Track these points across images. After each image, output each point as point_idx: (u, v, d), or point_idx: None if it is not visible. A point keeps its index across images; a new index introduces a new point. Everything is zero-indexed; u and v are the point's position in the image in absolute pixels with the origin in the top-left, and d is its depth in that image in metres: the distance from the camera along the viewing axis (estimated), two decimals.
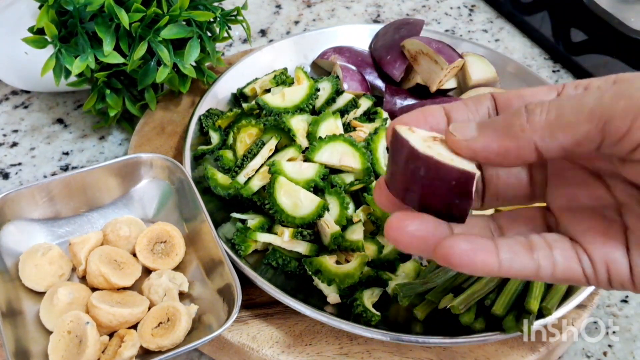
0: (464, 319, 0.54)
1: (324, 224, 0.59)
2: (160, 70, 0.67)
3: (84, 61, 0.64)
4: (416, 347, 0.56)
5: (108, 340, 0.53)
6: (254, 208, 0.63)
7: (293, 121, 0.65)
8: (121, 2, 0.64)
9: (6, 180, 0.74)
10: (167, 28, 0.65)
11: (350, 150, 0.63)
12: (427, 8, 1.03)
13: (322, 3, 1.02)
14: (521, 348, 0.56)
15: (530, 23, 0.98)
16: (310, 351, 0.56)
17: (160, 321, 0.54)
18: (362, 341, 0.56)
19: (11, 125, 0.80)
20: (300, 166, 0.62)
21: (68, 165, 0.76)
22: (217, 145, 0.69)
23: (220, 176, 0.64)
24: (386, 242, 0.61)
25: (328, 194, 0.61)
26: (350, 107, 0.71)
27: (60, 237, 0.61)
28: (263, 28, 0.97)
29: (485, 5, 1.04)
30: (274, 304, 0.58)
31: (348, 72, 0.75)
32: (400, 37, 0.78)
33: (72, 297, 0.54)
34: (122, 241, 0.59)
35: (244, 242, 0.59)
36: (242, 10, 0.74)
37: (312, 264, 0.57)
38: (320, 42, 0.81)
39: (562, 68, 0.93)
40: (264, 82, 0.74)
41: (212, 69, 0.78)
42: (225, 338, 0.56)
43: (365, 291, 0.57)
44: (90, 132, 0.79)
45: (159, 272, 0.58)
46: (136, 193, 0.64)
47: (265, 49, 0.79)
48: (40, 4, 0.64)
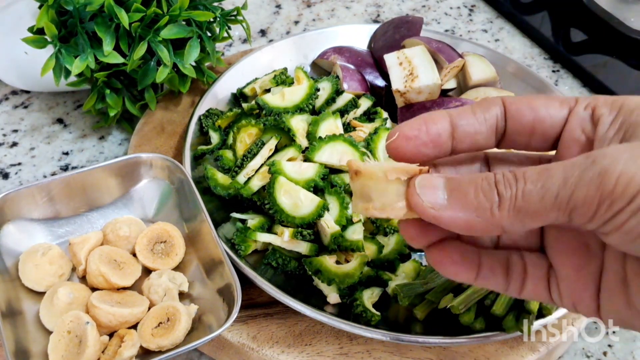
0: (464, 319, 0.54)
1: (324, 224, 0.59)
2: (160, 70, 0.67)
3: (84, 61, 0.64)
4: (416, 347, 0.56)
5: (108, 340, 0.53)
6: (254, 208, 0.63)
7: (293, 121, 0.65)
8: (121, 2, 0.64)
9: (6, 180, 0.74)
10: (167, 28, 0.65)
11: (350, 150, 0.63)
12: (427, 8, 1.03)
13: (322, 3, 1.02)
14: (521, 348, 0.56)
15: (530, 23, 0.98)
16: (310, 351, 0.56)
17: (160, 321, 0.54)
18: (362, 341, 0.56)
19: (11, 125, 0.80)
20: (300, 166, 0.62)
21: (68, 165, 0.76)
22: (217, 145, 0.69)
23: (220, 176, 0.64)
24: (386, 242, 0.61)
25: (328, 194, 0.61)
26: (350, 107, 0.71)
27: (60, 237, 0.61)
28: (263, 28, 0.97)
29: (485, 5, 1.04)
30: (274, 304, 0.58)
31: (348, 72, 0.75)
32: (401, 36, 0.78)
33: (72, 297, 0.54)
34: (122, 241, 0.59)
35: (244, 242, 0.59)
36: (242, 10, 0.74)
37: (312, 264, 0.57)
38: (320, 42, 0.81)
39: (561, 68, 0.93)
40: (264, 82, 0.74)
41: (212, 69, 0.78)
42: (225, 338, 0.56)
43: (365, 291, 0.57)
44: (90, 132, 0.79)
45: (159, 272, 0.58)
46: (136, 193, 0.64)
47: (265, 49, 0.79)
48: (40, 4, 0.64)
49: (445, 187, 0.32)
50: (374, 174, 0.32)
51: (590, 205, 0.28)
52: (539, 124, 0.34)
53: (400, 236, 0.61)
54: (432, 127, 0.34)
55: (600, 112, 0.33)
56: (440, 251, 0.35)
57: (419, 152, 0.34)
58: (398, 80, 0.72)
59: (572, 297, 0.34)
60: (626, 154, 0.28)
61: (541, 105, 0.35)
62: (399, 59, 0.73)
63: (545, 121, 0.34)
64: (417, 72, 0.71)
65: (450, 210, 0.31)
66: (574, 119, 0.34)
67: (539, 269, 0.36)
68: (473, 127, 0.35)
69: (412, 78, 0.71)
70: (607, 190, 0.28)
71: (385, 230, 0.61)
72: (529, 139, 0.35)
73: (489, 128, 0.35)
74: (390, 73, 0.73)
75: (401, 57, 0.73)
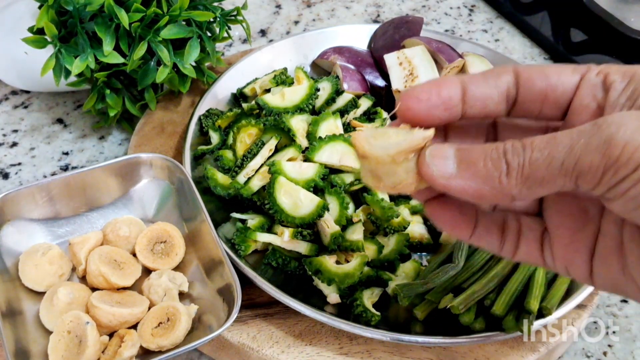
0: (464, 319, 0.54)
1: (324, 224, 0.59)
2: (160, 70, 0.67)
3: (84, 61, 0.64)
4: (416, 347, 0.56)
5: (108, 340, 0.53)
6: (254, 208, 0.63)
7: (293, 121, 0.65)
8: (121, 2, 0.64)
9: (6, 180, 0.74)
10: (167, 28, 0.65)
11: (350, 150, 0.63)
12: (427, 8, 1.03)
13: (322, 3, 1.02)
14: (521, 348, 0.56)
15: (530, 23, 0.98)
16: (310, 351, 0.56)
17: (160, 321, 0.54)
18: (362, 341, 0.56)
19: (11, 125, 0.80)
20: (300, 166, 0.62)
21: (68, 165, 0.76)
22: (217, 145, 0.69)
23: (220, 176, 0.64)
24: (386, 242, 0.61)
25: (328, 194, 0.61)
26: (350, 107, 0.71)
27: (60, 237, 0.61)
28: (263, 28, 0.97)
29: (485, 5, 1.04)
30: (274, 304, 0.58)
31: (348, 72, 0.75)
32: (401, 36, 0.78)
33: (72, 297, 0.54)
34: (122, 241, 0.59)
35: (244, 242, 0.59)
36: (242, 10, 0.74)
37: (312, 264, 0.57)
38: (320, 42, 0.81)
39: None
40: (264, 82, 0.74)
41: (212, 69, 0.78)
42: (225, 338, 0.56)
43: (365, 291, 0.57)
44: (90, 132, 0.79)
45: (159, 272, 0.58)
46: (136, 193, 0.64)
47: (265, 49, 0.79)
48: (40, 4, 0.64)
49: (455, 157, 0.32)
50: (380, 159, 0.33)
51: (596, 172, 0.29)
52: (551, 91, 0.35)
53: (400, 236, 0.61)
54: (443, 90, 0.34)
55: (612, 79, 0.33)
56: (440, 204, 0.36)
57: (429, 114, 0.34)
58: (398, 80, 0.72)
59: (565, 260, 0.35)
60: (633, 122, 0.29)
61: (553, 72, 0.35)
62: (399, 59, 0.73)
63: (557, 88, 0.34)
64: (417, 72, 0.71)
65: (459, 179, 0.32)
66: (585, 86, 0.34)
67: (534, 232, 0.36)
68: (484, 92, 0.35)
69: (412, 78, 0.71)
70: (612, 157, 0.28)
71: (385, 230, 0.61)
72: (540, 106, 0.35)
73: (500, 94, 0.35)
74: (390, 73, 0.73)
75: (401, 57, 0.73)
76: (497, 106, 0.35)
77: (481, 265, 0.57)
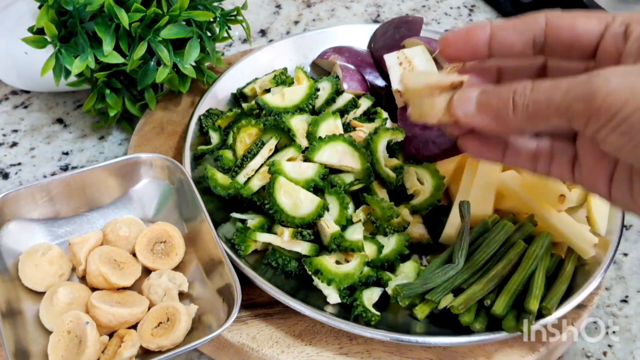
0: (464, 319, 0.54)
1: (324, 224, 0.59)
2: (160, 70, 0.67)
3: (84, 61, 0.64)
4: (416, 347, 0.56)
5: (108, 340, 0.53)
6: (253, 208, 0.63)
7: (293, 121, 0.65)
8: (121, 2, 0.64)
9: (6, 180, 0.74)
10: (166, 28, 0.65)
11: (350, 150, 0.63)
12: (427, 8, 1.03)
13: (322, 3, 1.02)
14: (521, 348, 0.56)
15: None
16: (310, 351, 0.56)
17: (160, 321, 0.54)
18: (362, 341, 0.56)
19: (11, 125, 0.80)
20: (300, 166, 0.62)
21: (68, 165, 0.76)
22: (217, 145, 0.69)
23: (220, 176, 0.64)
24: (386, 242, 0.61)
25: (328, 194, 0.61)
26: (350, 107, 0.71)
27: (60, 237, 0.61)
28: (263, 28, 0.97)
29: (485, 5, 1.04)
30: (274, 304, 0.58)
31: (348, 72, 0.75)
32: (401, 36, 0.78)
33: (72, 297, 0.54)
34: (122, 241, 0.59)
35: (244, 242, 0.59)
36: (242, 10, 0.74)
37: (312, 264, 0.57)
38: (320, 42, 0.81)
39: None
40: (264, 82, 0.74)
41: (212, 69, 0.78)
42: (225, 338, 0.56)
43: (365, 291, 0.57)
44: (90, 132, 0.79)
45: (158, 272, 0.58)
46: (136, 193, 0.64)
47: (265, 49, 0.79)
48: (40, 4, 0.64)
49: (476, 99, 0.41)
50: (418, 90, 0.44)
51: (582, 117, 0.35)
52: (577, 40, 0.40)
53: (400, 236, 0.61)
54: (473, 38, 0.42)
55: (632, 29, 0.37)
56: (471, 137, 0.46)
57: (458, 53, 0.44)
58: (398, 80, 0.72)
59: (590, 180, 0.42)
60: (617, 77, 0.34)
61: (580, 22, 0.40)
62: (399, 59, 0.73)
63: (582, 38, 0.40)
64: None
65: (477, 117, 0.41)
66: (608, 34, 0.39)
67: (567, 155, 0.44)
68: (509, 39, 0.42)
69: None
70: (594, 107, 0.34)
71: (385, 230, 0.61)
72: (568, 51, 0.41)
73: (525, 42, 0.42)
74: (390, 73, 0.72)
75: (401, 57, 0.73)
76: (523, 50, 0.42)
77: (481, 265, 0.57)
